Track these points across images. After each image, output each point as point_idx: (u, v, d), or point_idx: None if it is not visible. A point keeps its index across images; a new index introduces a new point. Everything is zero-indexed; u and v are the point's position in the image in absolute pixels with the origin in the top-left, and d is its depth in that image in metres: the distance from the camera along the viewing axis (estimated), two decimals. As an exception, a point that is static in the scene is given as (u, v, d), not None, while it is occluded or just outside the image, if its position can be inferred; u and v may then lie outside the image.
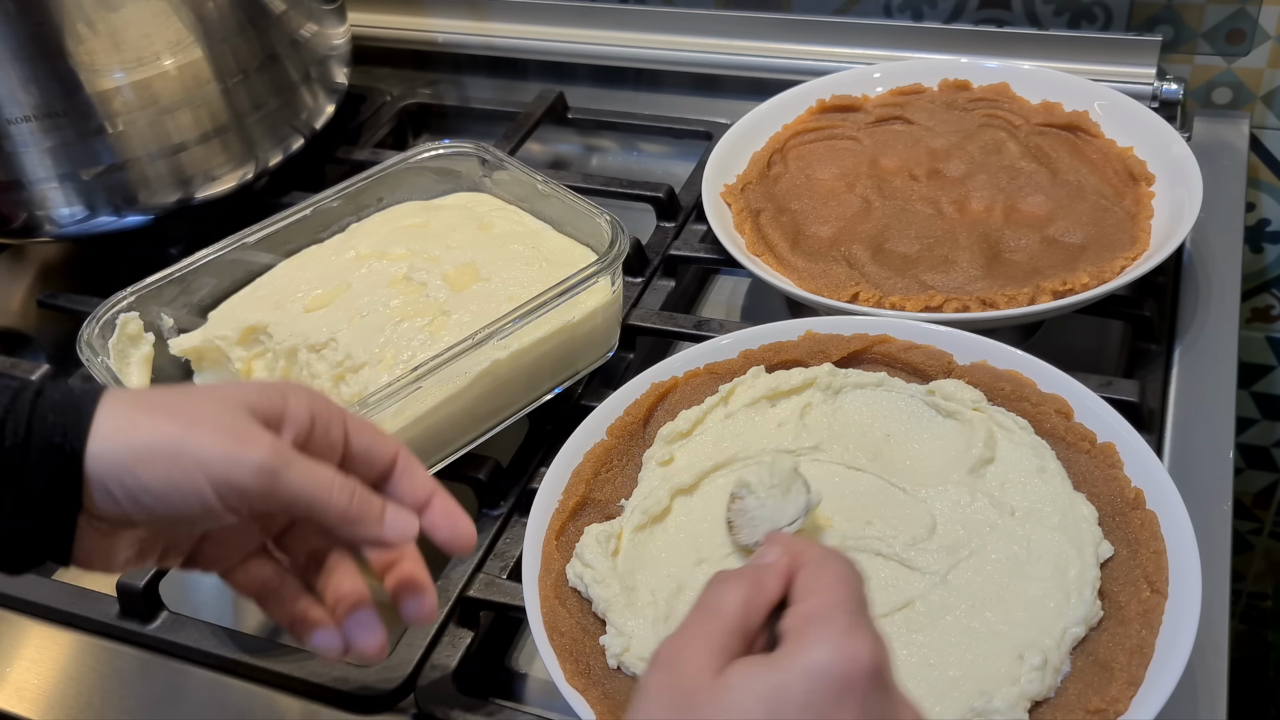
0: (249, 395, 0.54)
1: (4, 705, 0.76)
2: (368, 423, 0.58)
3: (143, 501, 0.51)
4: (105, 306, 0.83)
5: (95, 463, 0.50)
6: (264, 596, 0.59)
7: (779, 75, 1.15)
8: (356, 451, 0.57)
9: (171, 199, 1.03)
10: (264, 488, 0.52)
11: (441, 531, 0.57)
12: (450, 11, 1.30)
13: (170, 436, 0.51)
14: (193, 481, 0.51)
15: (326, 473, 0.54)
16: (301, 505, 0.53)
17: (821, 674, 0.44)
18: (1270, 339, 1.25)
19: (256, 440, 0.52)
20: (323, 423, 0.56)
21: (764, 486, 0.65)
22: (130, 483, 0.50)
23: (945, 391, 0.74)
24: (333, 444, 0.56)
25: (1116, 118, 0.99)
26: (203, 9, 0.98)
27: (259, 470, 0.51)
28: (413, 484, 0.58)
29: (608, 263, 0.80)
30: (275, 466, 0.52)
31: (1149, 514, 0.66)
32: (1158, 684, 0.58)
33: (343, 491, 0.54)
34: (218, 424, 0.52)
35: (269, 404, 0.54)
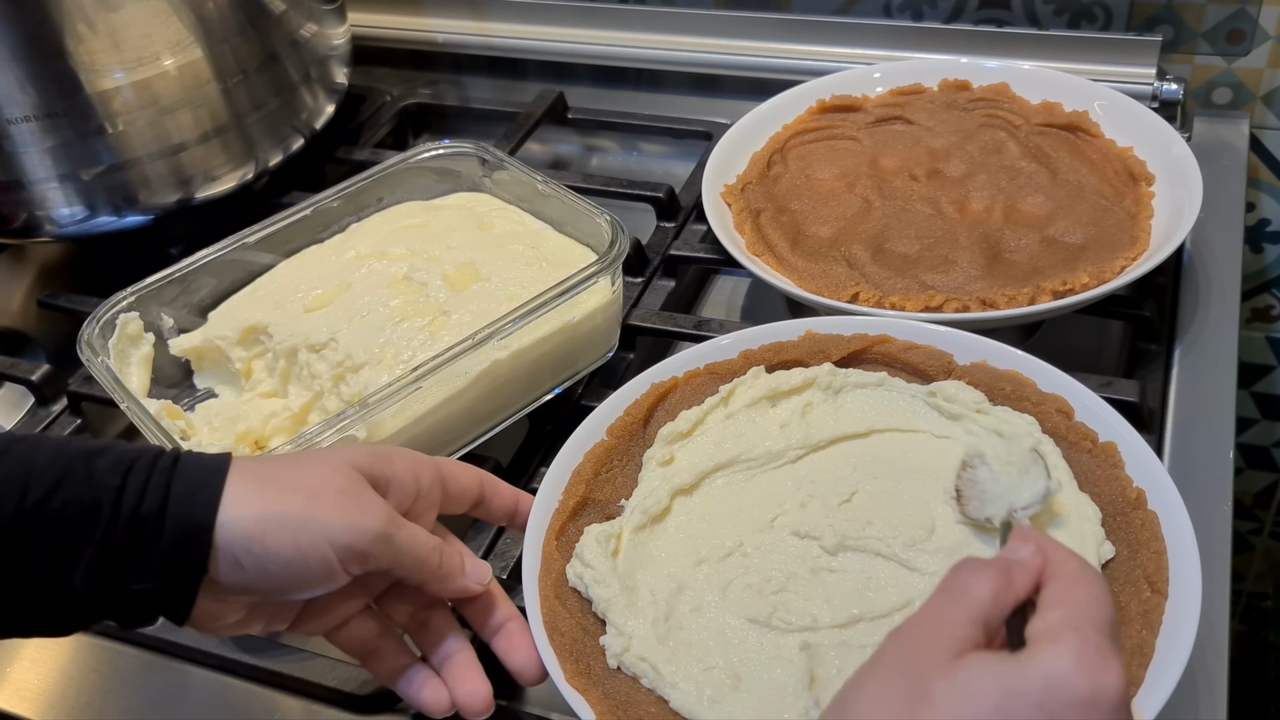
0: (360, 460, 0.59)
1: (4, 705, 0.76)
2: (457, 465, 0.65)
3: (269, 569, 0.54)
4: (105, 306, 0.83)
5: (224, 531, 0.54)
6: (366, 655, 0.63)
7: (779, 75, 1.15)
8: (453, 494, 0.64)
9: (171, 199, 1.03)
10: (379, 553, 0.57)
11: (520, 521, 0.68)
12: (450, 11, 1.30)
13: (296, 507, 0.55)
14: (318, 549, 0.55)
15: (424, 535, 0.60)
16: (405, 566, 0.59)
17: (1062, 685, 0.43)
18: (1270, 339, 1.25)
19: (373, 509, 0.57)
20: (426, 484, 0.62)
21: (999, 461, 0.65)
22: (259, 551, 0.54)
23: (946, 393, 0.74)
24: (434, 501, 0.63)
25: (1116, 118, 0.99)
26: (203, 9, 0.98)
27: (376, 537, 0.56)
28: (502, 500, 0.67)
29: (608, 263, 0.80)
30: (388, 533, 0.57)
31: (1150, 514, 0.66)
32: (1158, 684, 0.58)
33: (434, 552, 0.60)
34: (339, 492, 0.56)
35: (378, 470, 0.60)
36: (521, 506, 0.67)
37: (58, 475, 0.53)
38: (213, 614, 0.57)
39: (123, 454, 0.55)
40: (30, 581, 0.53)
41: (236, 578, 0.55)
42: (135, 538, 0.53)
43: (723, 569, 0.67)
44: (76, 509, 0.53)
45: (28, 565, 0.52)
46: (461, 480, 0.65)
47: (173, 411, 0.81)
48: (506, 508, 0.67)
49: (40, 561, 0.52)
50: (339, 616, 0.62)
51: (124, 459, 0.54)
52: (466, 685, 0.61)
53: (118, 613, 0.55)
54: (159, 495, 0.53)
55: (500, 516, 0.67)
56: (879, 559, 0.67)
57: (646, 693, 0.62)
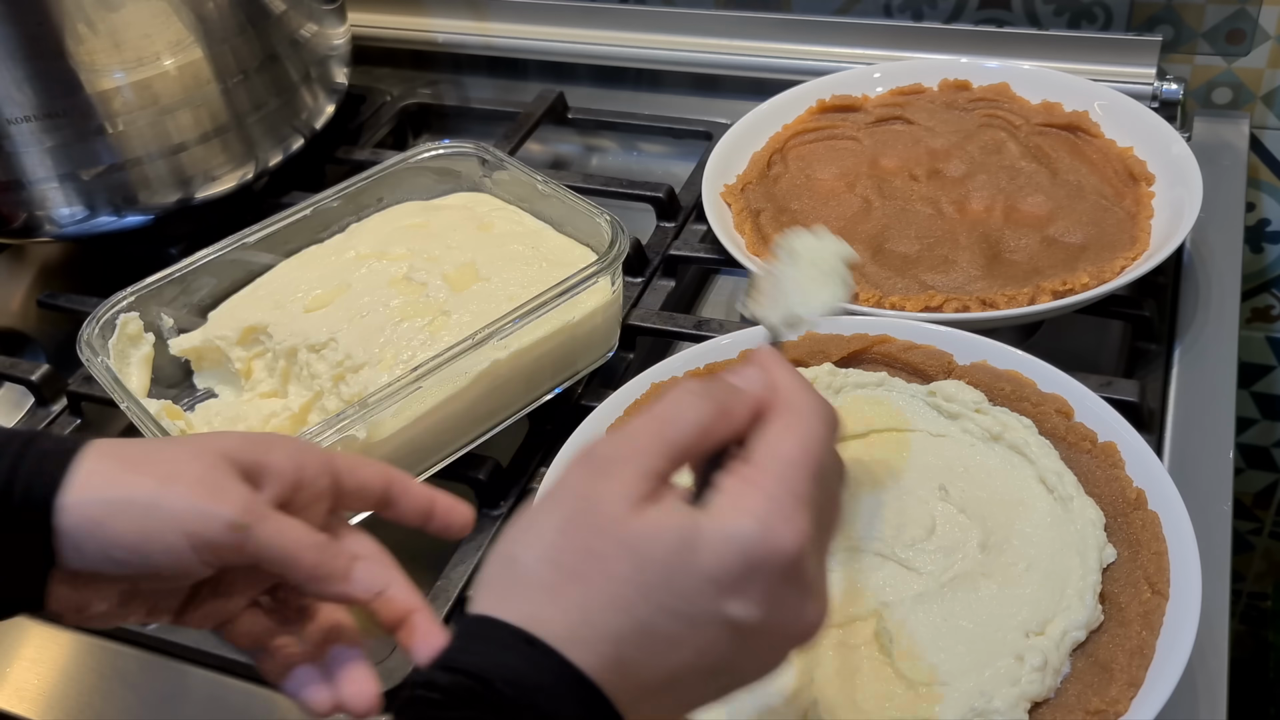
0: (229, 446, 0.54)
1: (4, 705, 0.76)
2: (356, 459, 0.59)
3: (114, 556, 0.51)
4: (105, 306, 0.83)
5: (66, 515, 0.50)
6: (256, 651, 0.59)
7: (779, 75, 1.15)
8: (351, 489, 0.58)
9: (171, 199, 1.03)
10: (235, 543, 0.52)
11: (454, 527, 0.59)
12: (450, 11, 1.30)
13: (145, 491, 0.51)
14: (165, 537, 0.51)
15: (298, 529, 0.54)
16: (271, 561, 0.53)
17: (738, 549, 0.43)
18: (1270, 339, 1.25)
19: (230, 495, 0.52)
20: (311, 474, 0.56)
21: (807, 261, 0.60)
22: (101, 535, 0.51)
23: (946, 393, 0.74)
24: (320, 494, 0.57)
25: (1116, 118, 0.99)
26: (203, 9, 0.98)
27: (229, 526, 0.51)
28: (412, 501, 0.59)
29: (608, 263, 0.80)
30: (247, 522, 0.52)
31: (1151, 515, 0.66)
32: (1158, 685, 0.58)
33: (311, 549, 0.54)
34: (195, 478, 0.52)
35: (250, 456, 0.55)
36: (439, 508, 0.60)
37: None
38: (75, 603, 0.54)
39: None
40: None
41: (81, 565, 0.51)
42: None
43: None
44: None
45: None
46: (361, 475, 0.58)
47: (172, 411, 0.81)
48: (419, 508, 0.60)
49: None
50: (226, 611, 0.58)
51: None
52: (353, 685, 0.56)
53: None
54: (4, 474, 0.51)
55: (413, 518, 0.60)
56: (878, 559, 0.67)
57: (646, 693, 0.62)
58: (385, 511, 0.59)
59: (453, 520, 0.59)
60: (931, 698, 0.60)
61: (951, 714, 0.59)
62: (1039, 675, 0.59)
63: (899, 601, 0.64)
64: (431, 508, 0.59)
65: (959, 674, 0.60)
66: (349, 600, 0.56)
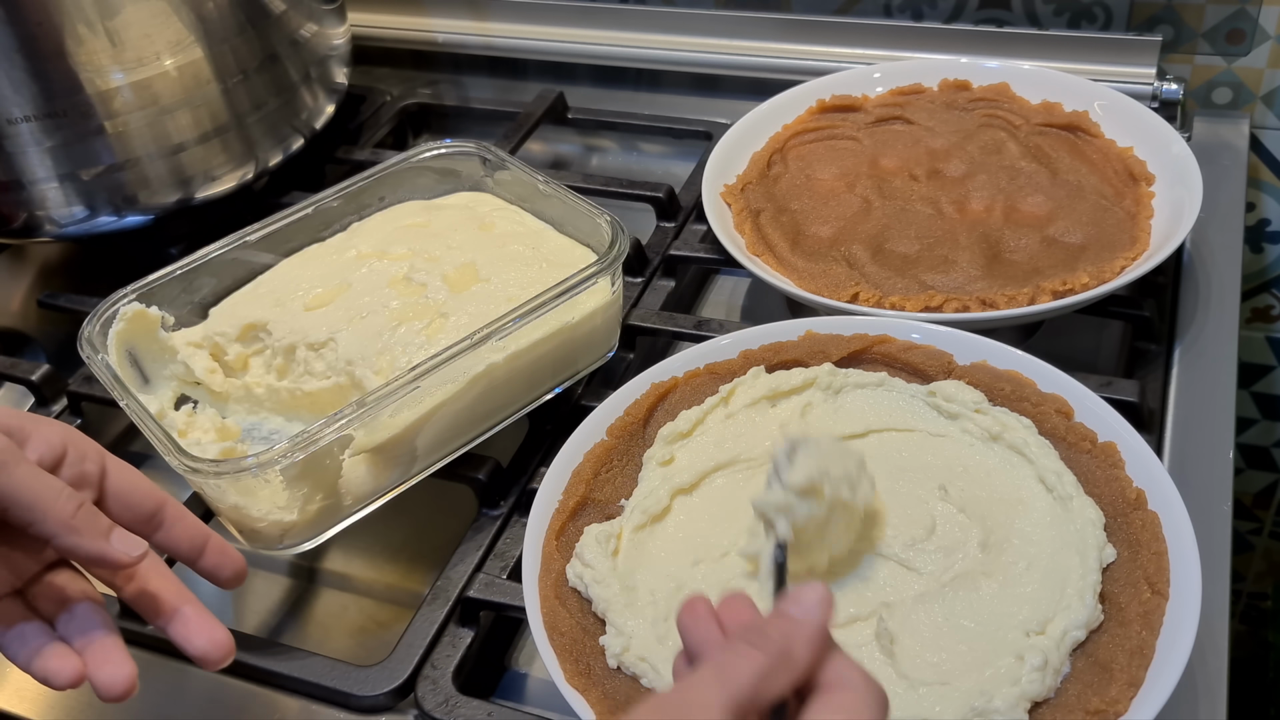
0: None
1: (4, 705, 0.76)
2: (131, 468, 0.58)
3: None
4: (106, 305, 0.83)
5: None
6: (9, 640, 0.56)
7: (779, 75, 1.15)
8: (114, 491, 0.57)
9: (171, 199, 1.03)
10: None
11: (224, 570, 0.59)
12: (450, 11, 1.30)
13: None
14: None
15: (55, 482, 0.53)
16: (22, 506, 0.52)
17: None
18: (1270, 339, 1.25)
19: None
20: (76, 454, 0.55)
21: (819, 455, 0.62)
22: None
23: (946, 393, 0.74)
24: (84, 476, 0.56)
25: (1116, 118, 0.99)
26: (203, 9, 0.98)
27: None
28: (187, 529, 0.59)
29: (607, 263, 0.80)
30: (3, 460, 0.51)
31: (1150, 515, 0.66)
32: (1158, 685, 0.58)
33: (69, 500, 0.53)
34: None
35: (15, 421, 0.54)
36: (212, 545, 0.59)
37: None
38: None
39: None
40: None
41: None
42: None
43: (721, 568, 0.67)
44: None
45: None
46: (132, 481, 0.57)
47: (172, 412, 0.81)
48: (193, 540, 0.59)
49: None
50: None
51: None
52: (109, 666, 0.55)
53: None
54: None
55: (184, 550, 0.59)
56: (878, 558, 0.67)
57: (646, 692, 0.62)
58: (154, 534, 0.58)
59: (224, 563, 0.59)
60: (932, 697, 0.60)
61: (952, 713, 0.59)
62: (1039, 675, 0.59)
63: (900, 601, 0.64)
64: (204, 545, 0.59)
65: (959, 673, 0.60)
66: (105, 562, 0.54)
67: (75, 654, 0.56)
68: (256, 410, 0.84)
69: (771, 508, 0.61)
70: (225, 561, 0.59)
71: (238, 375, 0.85)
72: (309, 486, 0.73)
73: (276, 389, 0.83)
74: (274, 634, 0.78)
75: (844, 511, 0.63)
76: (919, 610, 0.63)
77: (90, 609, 0.57)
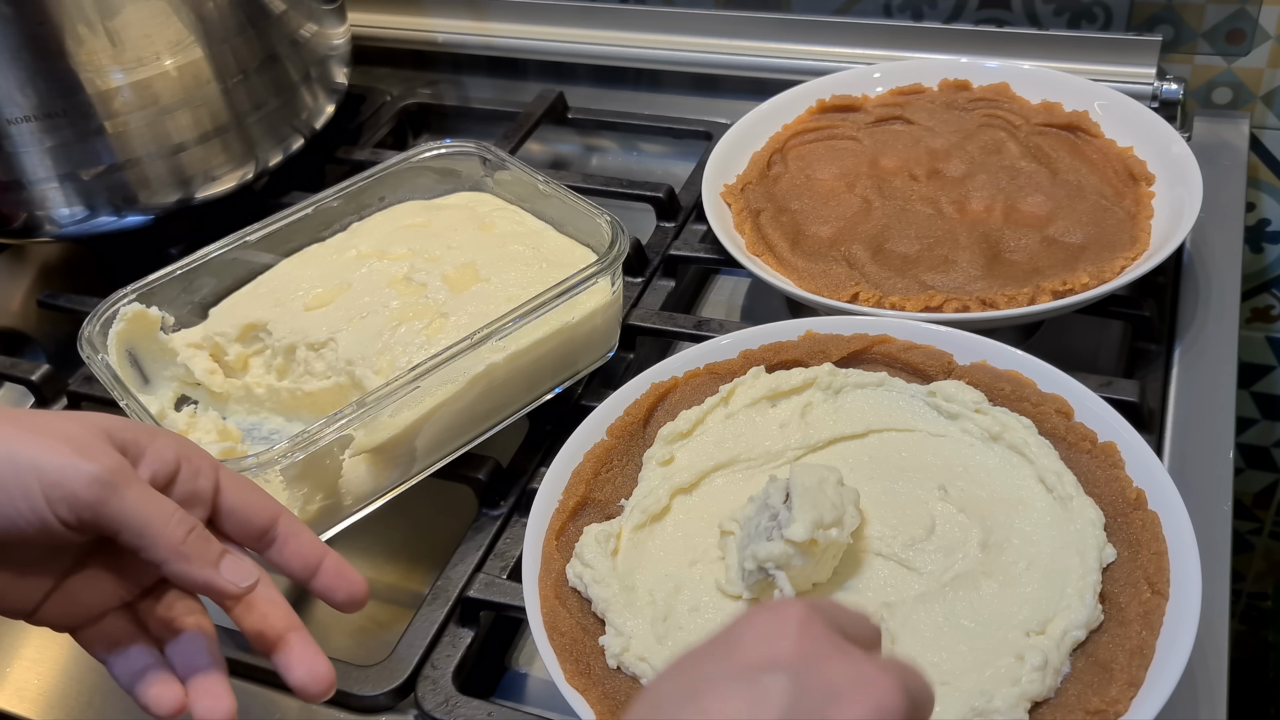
0: (111, 423, 0.53)
1: (4, 705, 0.76)
2: (247, 480, 0.56)
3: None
4: (106, 304, 0.83)
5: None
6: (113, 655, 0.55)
7: (779, 75, 1.15)
8: (228, 508, 0.55)
9: (171, 199, 1.03)
10: (96, 500, 0.50)
11: (339, 592, 0.56)
12: (450, 11, 1.30)
13: (9, 439, 0.50)
14: (23, 484, 0.49)
15: (168, 505, 0.52)
16: (133, 530, 0.51)
17: None
18: (1270, 339, 1.25)
19: (100, 455, 0.50)
20: (190, 469, 0.54)
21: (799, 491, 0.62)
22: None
23: (946, 393, 0.74)
24: (197, 493, 0.54)
25: (1116, 118, 0.99)
26: (203, 9, 0.98)
27: (93, 481, 0.49)
28: (300, 547, 0.56)
29: (607, 264, 0.80)
30: (113, 481, 0.50)
31: (1150, 515, 0.66)
32: (1158, 685, 0.58)
33: (180, 525, 0.51)
34: (63, 436, 0.50)
35: (130, 435, 0.53)
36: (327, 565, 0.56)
37: None
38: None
39: None
40: None
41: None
42: None
43: (721, 568, 0.67)
44: None
45: None
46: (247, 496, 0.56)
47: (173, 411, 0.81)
48: (307, 559, 0.56)
49: None
50: (89, 609, 0.55)
51: None
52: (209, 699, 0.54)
53: None
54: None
55: (298, 568, 0.56)
56: (878, 558, 0.67)
57: (646, 693, 0.62)
58: (266, 550, 0.56)
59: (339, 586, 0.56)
60: (931, 697, 0.60)
61: (952, 713, 0.59)
62: (1039, 675, 0.59)
63: (900, 601, 0.64)
64: (319, 564, 0.56)
65: (960, 673, 0.60)
66: (214, 590, 0.53)
67: (178, 683, 0.54)
68: (256, 410, 0.84)
69: (772, 563, 0.61)
70: (340, 584, 0.56)
71: (238, 375, 0.85)
72: (309, 486, 0.73)
73: (277, 389, 0.83)
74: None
75: (835, 549, 0.64)
76: (919, 610, 0.64)
77: (197, 637, 0.56)
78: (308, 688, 0.55)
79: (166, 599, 0.56)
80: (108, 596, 0.55)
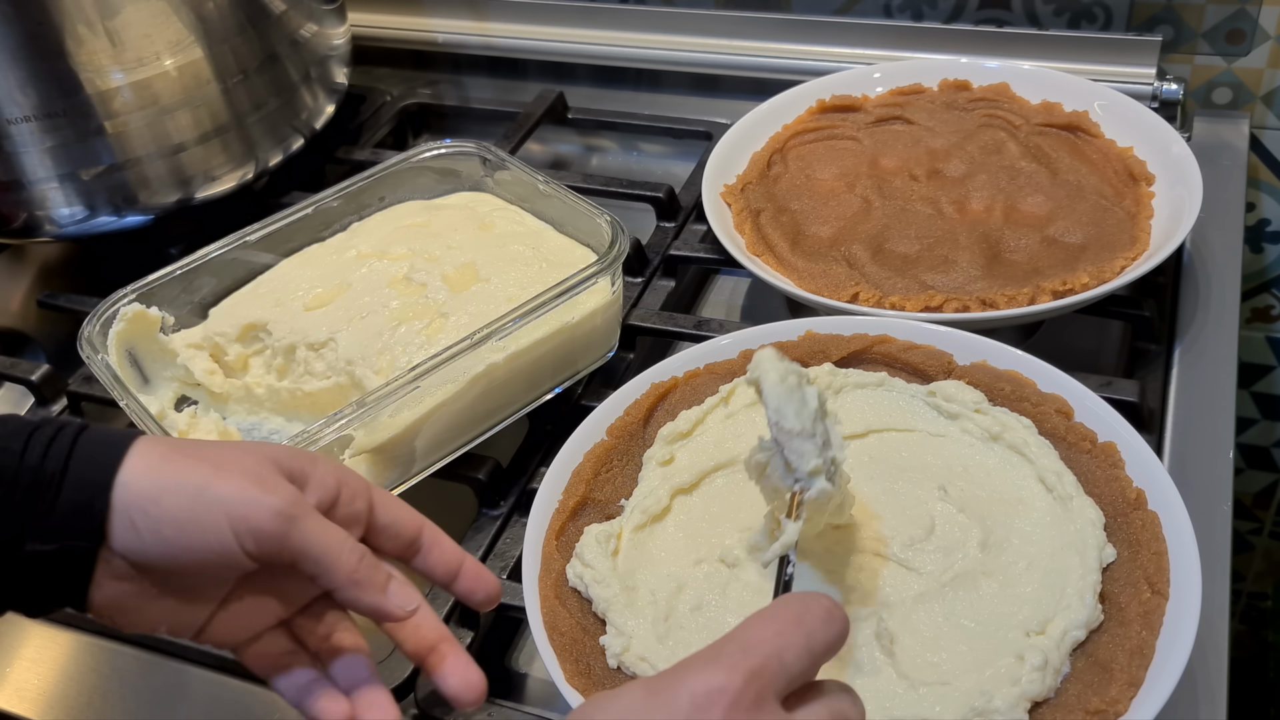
0: (278, 453, 0.57)
1: (4, 705, 0.76)
2: (393, 497, 0.60)
3: (163, 533, 0.53)
4: (106, 304, 0.83)
5: (122, 491, 0.52)
6: (275, 673, 0.59)
7: (779, 75, 1.15)
8: (382, 525, 0.59)
9: (171, 199, 1.03)
10: (279, 533, 0.53)
11: (478, 593, 0.60)
12: (450, 11, 1.31)
13: (197, 475, 0.53)
14: (213, 518, 0.52)
15: (340, 533, 0.56)
16: (311, 559, 0.54)
17: None
18: (1270, 339, 1.25)
19: (279, 489, 0.54)
20: (349, 493, 0.58)
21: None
22: (154, 512, 0.52)
23: (946, 393, 0.74)
24: (356, 515, 0.58)
25: (1116, 118, 0.99)
26: (203, 9, 0.98)
27: (276, 514, 0.53)
28: (443, 553, 0.60)
29: (607, 264, 0.80)
30: (293, 514, 0.54)
31: (1150, 515, 0.66)
32: (1158, 685, 0.58)
33: (352, 553, 0.55)
34: (245, 470, 0.54)
35: (296, 464, 0.57)
36: (467, 569, 0.60)
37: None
38: (115, 598, 0.55)
39: (26, 422, 0.54)
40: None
41: (132, 542, 0.53)
42: (34, 497, 0.52)
43: (721, 568, 0.67)
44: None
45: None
46: (396, 513, 0.59)
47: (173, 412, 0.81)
48: (448, 564, 0.60)
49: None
50: (251, 627, 0.59)
51: (27, 426, 0.54)
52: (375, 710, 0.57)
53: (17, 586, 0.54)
54: (61, 458, 0.53)
55: (441, 574, 0.60)
56: (877, 558, 0.67)
57: (646, 693, 0.62)
58: (412, 559, 0.60)
59: (478, 588, 0.60)
60: (932, 697, 0.60)
61: (952, 713, 0.59)
62: (1039, 675, 0.59)
63: (900, 601, 0.64)
64: (459, 568, 0.60)
65: (959, 673, 0.60)
66: (382, 614, 0.57)
67: (344, 697, 0.57)
68: (256, 410, 0.84)
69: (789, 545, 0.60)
70: (479, 585, 0.60)
71: (238, 375, 0.85)
72: (309, 486, 0.73)
73: (277, 389, 0.83)
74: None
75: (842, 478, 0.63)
76: (919, 610, 0.64)
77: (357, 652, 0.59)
78: (461, 696, 0.57)
79: (322, 616, 0.60)
80: (266, 615, 0.59)
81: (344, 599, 0.56)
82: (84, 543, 0.53)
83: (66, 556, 0.53)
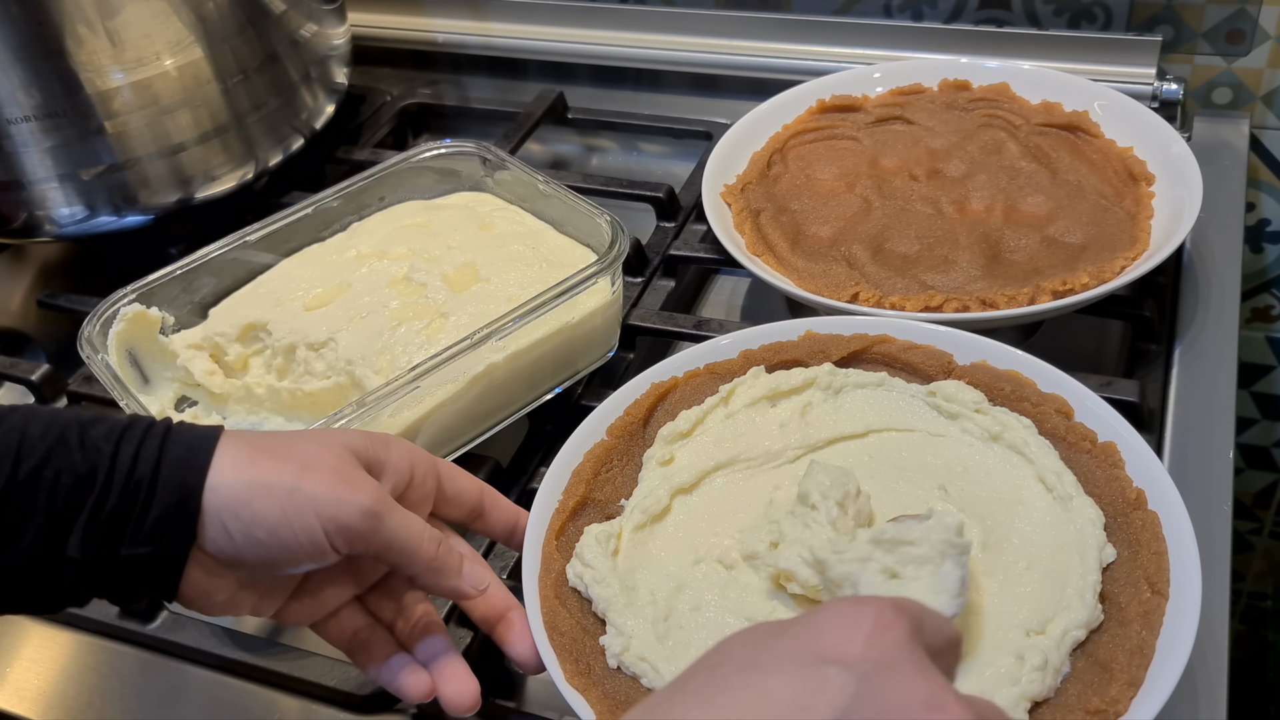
0: (354, 442, 0.59)
1: (4, 705, 0.76)
2: (457, 468, 0.63)
3: (255, 535, 0.54)
4: (106, 304, 0.83)
5: (213, 495, 0.54)
6: (354, 647, 0.62)
7: (779, 75, 1.15)
8: (449, 495, 0.63)
9: (171, 199, 1.03)
10: (367, 530, 0.56)
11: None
12: (450, 11, 1.31)
13: (286, 476, 0.55)
14: (304, 518, 0.54)
15: (419, 523, 0.59)
16: (395, 551, 0.57)
17: None
18: (1270, 339, 1.25)
19: (364, 486, 0.56)
20: (420, 474, 0.61)
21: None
22: (245, 515, 0.54)
23: (946, 393, 0.74)
24: (428, 494, 0.62)
25: (1116, 118, 0.99)
26: (203, 9, 0.98)
27: (364, 513, 0.55)
28: (502, 514, 0.66)
29: (607, 264, 0.80)
30: (379, 511, 0.56)
31: (1150, 515, 0.66)
32: (1158, 684, 0.58)
33: (431, 542, 0.59)
34: (330, 469, 0.56)
35: (373, 452, 0.59)
36: (520, 524, 0.66)
37: (51, 444, 0.53)
38: (203, 589, 0.56)
39: (116, 422, 0.55)
40: (24, 551, 0.53)
41: (224, 544, 0.54)
42: (129, 502, 0.53)
43: (721, 568, 0.67)
44: (71, 476, 0.53)
45: (21, 534, 0.52)
46: (460, 483, 0.64)
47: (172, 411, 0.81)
48: (506, 523, 0.66)
49: (34, 530, 0.52)
50: (328, 605, 0.61)
51: (117, 427, 0.55)
52: (455, 683, 0.60)
53: (109, 584, 0.55)
54: (152, 461, 0.54)
55: (500, 532, 0.66)
56: (879, 559, 0.66)
57: (646, 692, 0.62)
58: (475, 523, 0.64)
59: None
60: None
61: (951, 714, 0.58)
62: (1039, 674, 0.59)
63: (899, 601, 0.64)
64: (516, 523, 0.66)
65: (959, 673, 0.60)
66: (458, 595, 0.61)
67: (424, 670, 0.61)
68: (257, 410, 0.84)
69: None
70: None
71: (238, 375, 0.85)
72: (309, 486, 0.73)
73: (277, 389, 0.83)
74: (274, 634, 0.78)
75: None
76: (919, 610, 0.63)
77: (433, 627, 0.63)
78: (528, 663, 0.62)
79: (395, 591, 0.63)
80: (342, 594, 0.62)
81: (423, 584, 0.60)
82: (177, 546, 0.54)
83: (159, 558, 0.54)
